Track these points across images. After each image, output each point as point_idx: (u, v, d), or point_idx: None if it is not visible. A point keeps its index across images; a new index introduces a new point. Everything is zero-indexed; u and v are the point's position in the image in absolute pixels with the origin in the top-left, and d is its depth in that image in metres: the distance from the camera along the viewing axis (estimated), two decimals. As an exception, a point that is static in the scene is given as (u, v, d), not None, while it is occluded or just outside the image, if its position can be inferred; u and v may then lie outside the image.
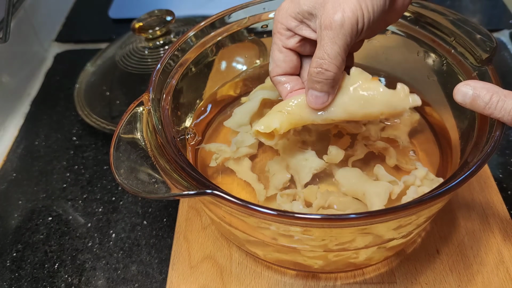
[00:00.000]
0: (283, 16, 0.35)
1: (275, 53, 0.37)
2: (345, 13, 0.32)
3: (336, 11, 0.32)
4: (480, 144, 0.34)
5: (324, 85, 0.34)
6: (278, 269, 0.41)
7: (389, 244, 0.36)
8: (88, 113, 0.56)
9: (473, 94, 0.32)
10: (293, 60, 0.37)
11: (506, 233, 0.42)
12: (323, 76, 0.34)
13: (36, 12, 0.68)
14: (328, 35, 0.33)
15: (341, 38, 0.33)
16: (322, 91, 0.35)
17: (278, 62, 0.37)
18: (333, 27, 0.32)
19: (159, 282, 0.42)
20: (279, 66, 0.37)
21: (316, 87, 0.34)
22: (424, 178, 0.40)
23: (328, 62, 0.33)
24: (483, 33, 0.40)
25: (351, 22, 0.32)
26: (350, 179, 0.40)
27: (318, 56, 0.33)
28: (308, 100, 0.35)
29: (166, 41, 0.61)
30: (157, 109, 0.38)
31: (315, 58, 0.34)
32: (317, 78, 0.34)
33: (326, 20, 0.32)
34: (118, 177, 0.32)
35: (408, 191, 0.38)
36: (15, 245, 0.46)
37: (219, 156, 0.44)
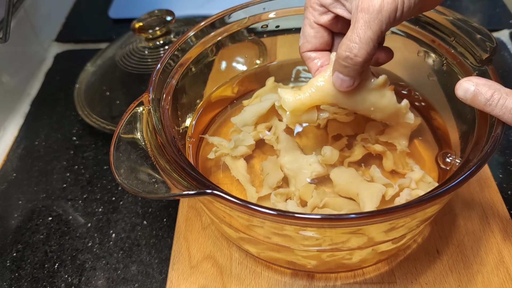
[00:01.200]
0: None
1: (306, 28, 0.36)
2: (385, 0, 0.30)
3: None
4: (480, 144, 0.34)
5: (351, 70, 0.33)
6: (278, 269, 0.41)
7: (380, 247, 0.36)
8: (88, 113, 0.56)
9: (475, 90, 0.32)
10: (324, 36, 0.36)
11: (506, 233, 0.42)
12: (351, 61, 0.32)
13: (36, 12, 0.68)
14: (364, 18, 0.31)
15: (377, 23, 0.31)
16: (348, 76, 0.33)
17: (308, 37, 0.36)
18: (371, 11, 0.30)
19: (159, 282, 0.42)
20: (309, 41, 0.36)
21: (343, 71, 0.33)
22: (420, 180, 0.40)
23: (359, 46, 0.31)
24: (483, 33, 0.40)
25: (390, 8, 0.30)
26: (344, 179, 0.40)
27: (349, 38, 0.31)
28: (334, 81, 0.34)
29: (166, 41, 0.61)
30: (157, 109, 0.38)
31: (346, 40, 0.32)
32: (345, 62, 0.32)
33: (365, 2, 0.31)
34: (118, 177, 0.32)
35: (402, 193, 0.38)
36: (15, 245, 0.46)
37: (218, 150, 0.44)
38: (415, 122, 0.44)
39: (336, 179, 0.41)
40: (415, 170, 0.41)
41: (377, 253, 0.38)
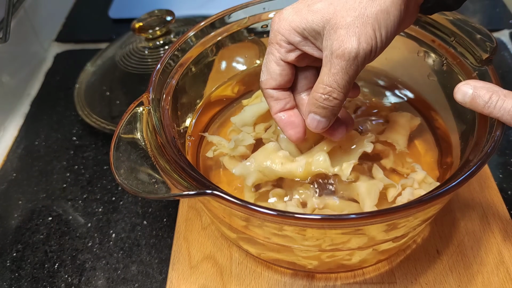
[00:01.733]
0: (286, 28, 0.33)
1: (271, 64, 0.35)
2: (360, 44, 0.30)
3: (350, 40, 0.30)
4: (480, 144, 0.34)
5: (328, 112, 0.33)
6: (278, 269, 0.41)
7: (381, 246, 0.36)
8: (88, 113, 0.56)
9: (473, 94, 0.32)
10: (289, 73, 0.35)
11: (506, 233, 0.42)
12: (331, 103, 0.33)
13: (36, 12, 0.68)
14: (340, 64, 0.31)
15: (354, 69, 0.31)
16: (325, 117, 0.34)
17: (273, 75, 0.35)
18: (346, 58, 0.31)
19: (159, 282, 0.42)
20: (274, 79, 0.35)
21: (320, 113, 0.34)
22: (422, 181, 0.40)
23: (338, 91, 0.32)
24: (483, 33, 0.40)
25: (365, 53, 0.31)
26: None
27: (327, 83, 0.32)
28: (309, 123, 0.35)
29: (166, 41, 0.61)
30: (157, 109, 0.38)
31: (322, 85, 0.32)
32: (323, 104, 0.33)
33: (339, 50, 0.31)
34: (118, 177, 0.32)
35: (404, 192, 0.38)
36: (15, 245, 0.46)
37: (218, 149, 0.44)
38: (414, 123, 0.45)
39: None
40: (418, 170, 0.41)
41: (378, 252, 0.38)
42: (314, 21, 0.32)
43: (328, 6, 0.31)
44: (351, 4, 0.31)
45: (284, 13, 0.33)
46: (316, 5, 0.32)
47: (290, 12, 0.33)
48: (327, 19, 0.31)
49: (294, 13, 0.33)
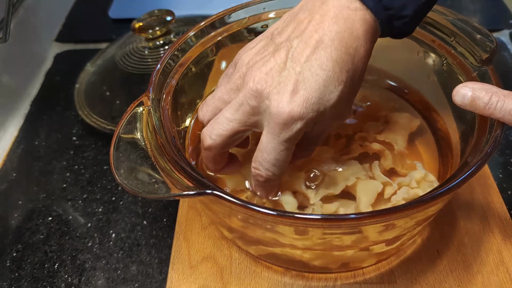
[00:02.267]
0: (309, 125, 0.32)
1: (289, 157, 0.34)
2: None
3: None
4: (480, 144, 0.34)
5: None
6: (278, 269, 0.41)
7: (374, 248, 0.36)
8: (88, 113, 0.56)
9: (472, 96, 0.32)
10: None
11: (506, 233, 0.42)
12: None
13: (36, 12, 0.67)
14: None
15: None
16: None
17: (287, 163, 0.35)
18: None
19: (159, 282, 0.42)
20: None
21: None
22: (422, 179, 0.39)
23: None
24: (483, 33, 0.40)
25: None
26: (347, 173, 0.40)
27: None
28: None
29: (166, 41, 0.61)
30: (157, 109, 0.38)
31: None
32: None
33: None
34: (118, 177, 0.32)
35: (399, 191, 0.38)
36: (15, 245, 0.46)
37: None
38: (414, 123, 0.44)
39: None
40: (418, 168, 0.40)
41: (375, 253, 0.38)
42: None
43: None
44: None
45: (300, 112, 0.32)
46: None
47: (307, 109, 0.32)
48: None
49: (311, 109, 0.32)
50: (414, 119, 0.45)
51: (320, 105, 0.31)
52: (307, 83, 0.30)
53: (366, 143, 0.43)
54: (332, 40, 0.31)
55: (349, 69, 0.31)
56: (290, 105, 0.30)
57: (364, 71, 0.33)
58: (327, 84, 0.31)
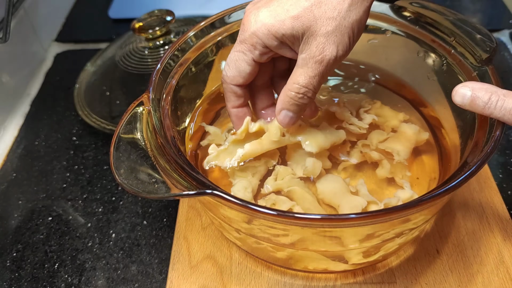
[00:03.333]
0: (263, 32, 0.33)
1: (242, 63, 0.35)
2: (338, 52, 0.33)
3: (331, 48, 0.33)
4: (480, 144, 0.34)
5: (301, 109, 0.36)
6: (278, 269, 0.41)
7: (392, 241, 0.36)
8: (88, 113, 0.56)
9: (472, 95, 0.32)
10: (256, 71, 0.37)
11: (506, 233, 0.42)
12: (305, 101, 0.35)
13: (36, 12, 0.68)
14: (318, 69, 0.33)
15: (329, 72, 0.34)
16: (296, 113, 0.36)
17: (243, 73, 0.36)
18: (325, 64, 0.33)
19: (159, 282, 0.42)
20: (243, 77, 0.36)
21: (293, 109, 0.36)
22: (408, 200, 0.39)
23: (312, 92, 0.35)
24: (483, 33, 0.40)
25: (341, 58, 0.34)
26: (329, 188, 0.40)
27: (303, 84, 0.34)
28: (281, 119, 0.37)
29: (166, 41, 0.61)
30: (157, 109, 0.38)
31: (297, 85, 0.34)
32: (298, 101, 0.35)
33: (320, 56, 0.33)
34: (118, 177, 0.32)
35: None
36: (15, 245, 0.46)
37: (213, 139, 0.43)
38: (422, 136, 0.44)
39: (320, 187, 0.40)
40: (405, 188, 0.40)
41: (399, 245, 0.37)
42: (295, 28, 0.33)
43: (308, 14, 0.33)
44: (330, 13, 0.32)
45: (260, 15, 0.34)
46: (295, 10, 0.33)
47: (267, 15, 0.33)
48: (308, 26, 0.33)
49: (272, 16, 0.33)
50: (423, 133, 0.44)
51: (280, 14, 0.33)
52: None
53: (366, 151, 0.43)
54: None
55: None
56: (253, 11, 0.34)
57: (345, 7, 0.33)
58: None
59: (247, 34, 0.34)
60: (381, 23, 0.46)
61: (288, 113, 0.36)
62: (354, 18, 0.33)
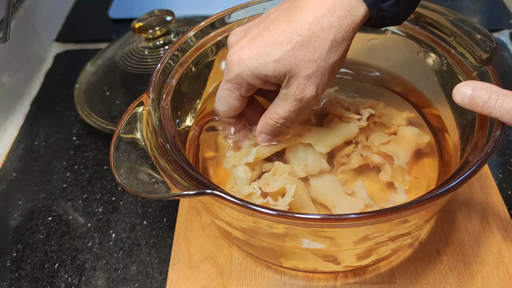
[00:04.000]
0: (247, 74, 0.35)
1: (231, 100, 0.38)
2: (318, 91, 0.35)
3: (310, 89, 0.35)
4: (480, 144, 0.34)
5: (278, 133, 0.39)
6: (278, 269, 0.41)
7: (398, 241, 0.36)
8: (88, 113, 0.56)
9: (472, 94, 0.32)
10: (245, 103, 0.39)
11: (506, 233, 0.42)
12: (282, 129, 0.38)
13: (36, 12, 0.68)
14: (297, 106, 0.36)
15: (307, 108, 0.36)
16: (274, 136, 0.40)
17: (233, 108, 0.38)
18: (304, 102, 0.35)
19: (159, 282, 0.42)
20: (234, 111, 0.39)
21: (271, 134, 0.39)
22: None
23: (290, 122, 0.37)
24: (483, 33, 0.40)
25: (320, 95, 0.36)
26: (324, 187, 0.40)
27: (282, 115, 0.37)
28: (260, 140, 0.40)
29: (166, 41, 0.61)
30: (157, 109, 0.38)
31: (276, 115, 0.37)
32: (276, 129, 0.38)
33: (299, 95, 0.35)
34: (118, 177, 0.32)
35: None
36: (15, 245, 0.46)
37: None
38: (423, 139, 0.43)
39: (315, 185, 0.40)
40: (400, 193, 0.40)
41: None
42: (277, 70, 0.34)
43: (290, 57, 0.34)
44: (310, 56, 0.34)
45: (243, 58, 0.35)
46: (277, 53, 0.34)
47: (250, 57, 0.35)
48: (289, 68, 0.34)
49: (255, 58, 0.34)
50: (424, 136, 0.44)
51: (263, 55, 0.34)
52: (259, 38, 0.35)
53: (367, 154, 0.42)
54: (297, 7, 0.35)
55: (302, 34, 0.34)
56: (237, 51, 0.35)
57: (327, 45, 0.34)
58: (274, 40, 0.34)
59: (232, 75, 0.36)
60: (381, 23, 0.46)
61: (266, 136, 0.40)
62: (334, 59, 0.35)
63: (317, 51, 0.34)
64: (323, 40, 0.34)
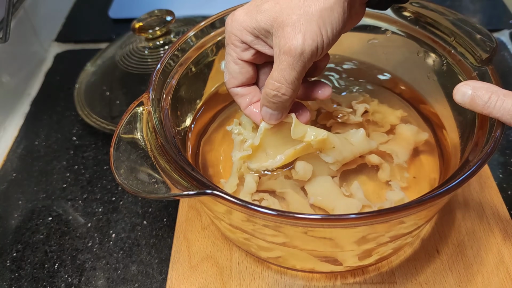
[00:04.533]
0: (238, 28, 0.34)
1: (231, 64, 0.36)
2: (305, 41, 0.31)
3: (296, 37, 0.31)
4: (480, 144, 0.34)
5: (279, 106, 0.35)
6: (278, 269, 0.41)
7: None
8: (88, 113, 0.56)
9: (472, 94, 0.32)
10: (249, 71, 0.37)
11: (506, 233, 0.42)
12: (280, 99, 0.34)
13: (36, 12, 0.68)
14: (287, 60, 0.32)
15: (300, 64, 0.32)
16: (276, 110, 0.36)
17: (234, 73, 0.36)
18: (293, 54, 0.32)
19: (159, 282, 0.42)
20: (235, 77, 0.37)
21: (271, 107, 0.35)
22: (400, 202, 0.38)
23: (285, 87, 0.33)
24: (483, 33, 0.40)
25: (311, 49, 0.32)
26: (320, 191, 0.39)
27: (275, 79, 0.33)
28: (263, 115, 0.37)
29: (166, 41, 0.61)
30: (157, 109, 0.38)
31: (271, 80, 0.34)
32: (273, 99, 0.34)
33: (286, 46, 0.32)
34: (118, 177, 0.32)
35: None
36: (15, 245, 0.46)
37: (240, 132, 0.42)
38: (421, 137, 0.44)
39: (311, 190, 0.40)
40: (395, 190, 0.40)
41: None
42: (263, 20, 0.33)
43: (275, 5, 0.33)
44: (295, 2, 0.32)
45: (236, 14, 0.35)
46: (264, 5, 0.33)
47: (241, 13, 0.34)
48: (274, 17, 0.32)
49: (245, 13, 0.34)
50: (422, 133, 0.44)
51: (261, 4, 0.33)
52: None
53: (365, 154, 0.42)
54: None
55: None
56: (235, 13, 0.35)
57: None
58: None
59: (227, 35, 0.35)
60: (381, 23, 0.46)
61: (267, 109, 0.36)
62: (321, 6, 0.32)
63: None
64: None
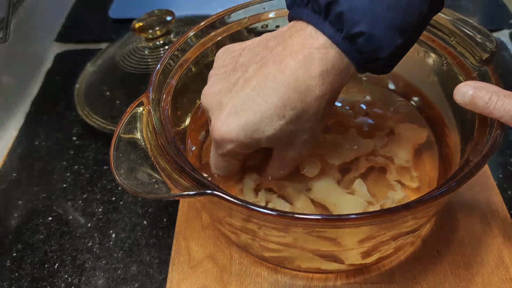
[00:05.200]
0: (242, 148, 0.33)
1: (231, 167, 0.38)
2: (310, 150, 0.36)
3: (304, 151, 0.36)
4: (480, 144, 0.34)
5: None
6: (278, 269, 0.41)
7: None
8: (88, 113, 0.56)
9: (472, 94, 0.32)
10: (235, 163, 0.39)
11: (506, 233, 0.42)
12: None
13: (36, 12, 0.68)
14: (290, 167, 0.38)
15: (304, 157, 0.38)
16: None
17: (234, 171, 0.39)
18: (297, 162, 0.38)
19: (159, 282, 0.42)
20: (235, 170, 0.39)
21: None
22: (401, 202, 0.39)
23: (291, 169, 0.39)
24: (483, 33, 0.40)
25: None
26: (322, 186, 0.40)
27: (277, 177, 0.39)
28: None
29: (166, 41, 0.61)
30: (157, 109, 0.38)
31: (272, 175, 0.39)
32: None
33: (296, 157, 0.36)
34: (118, 177, 0.32)
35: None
36: (15, 245, 0.46)
37: None
38: (421, 135, 0.43)
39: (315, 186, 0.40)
40: (397, 190, 0.40)
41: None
42: (272, 143, 0.34)
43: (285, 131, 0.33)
44: (306, 125, 0.33)
45: (233, 136, 0.33)
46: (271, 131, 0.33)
47: (243, 136, 0.32)
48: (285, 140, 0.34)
49: (248, 136, 0.32)
50: (422, 131, 0.44)
51: (254, 133, 0.32)
52: (246, 111, 0.31)
53: (371, 157, 0.42)
54: (284, 74, 0.31)
55: (295, 107, 0.31)
56: (222, 126, 0.32)
57: (321, 110, 0.32)
58: (265, 116, 0.31)
59: (226, 151, 0.34)
60: (381, 23, 0.46)
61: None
62: (324, 123, 0.36)
63: (311, 119, 0.32)
64: (317, 107, 0.32)
